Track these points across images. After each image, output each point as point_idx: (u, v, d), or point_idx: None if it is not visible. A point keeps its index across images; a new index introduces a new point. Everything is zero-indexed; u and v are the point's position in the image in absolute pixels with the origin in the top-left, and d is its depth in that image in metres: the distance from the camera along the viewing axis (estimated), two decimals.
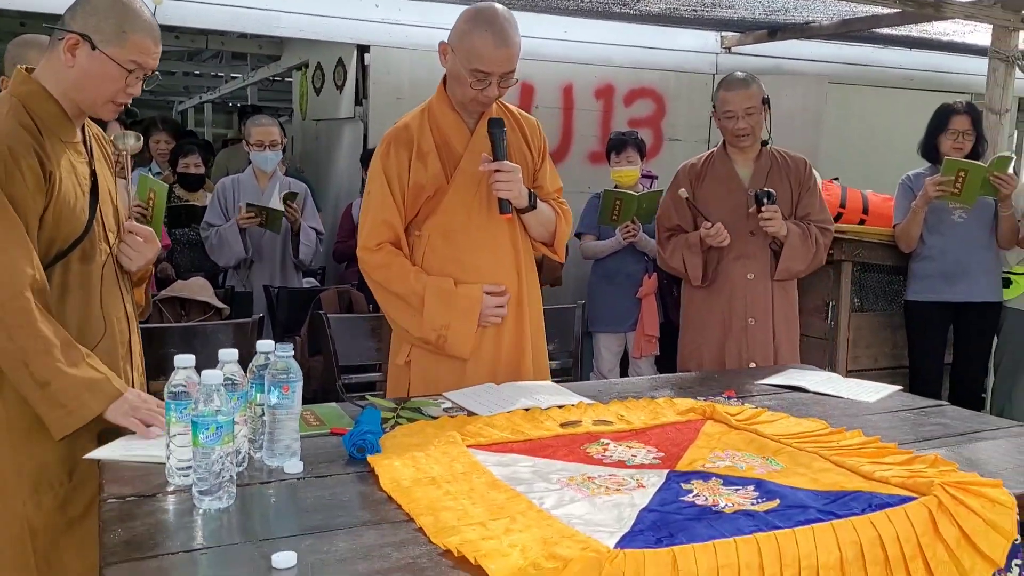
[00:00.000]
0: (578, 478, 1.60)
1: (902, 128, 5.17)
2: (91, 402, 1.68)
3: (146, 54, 1.79)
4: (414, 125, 2.30)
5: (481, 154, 2.26)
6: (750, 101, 2.95)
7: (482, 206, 2.30)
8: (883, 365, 3.95)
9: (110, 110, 1.84)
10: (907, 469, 1.67)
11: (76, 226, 1.79)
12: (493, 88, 2.19)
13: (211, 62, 8.83)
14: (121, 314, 1.92)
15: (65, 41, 1.75)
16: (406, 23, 4.85)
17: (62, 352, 1.67)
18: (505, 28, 2.15)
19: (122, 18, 1.75)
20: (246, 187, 4.01)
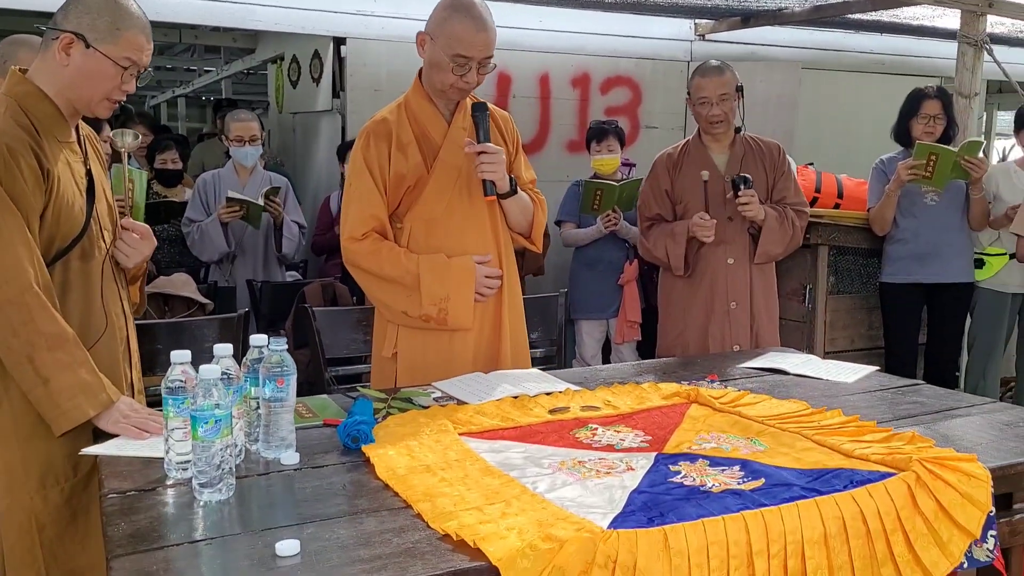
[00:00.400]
0: (569, 462, 1.64)
1: (875, 112, 5.25)
2: (84, 405, 1.71)
3: (140, 50, 1.80)
4: (392, 118, 2.33)
5: (460, 143, 2.31)
6: (724, 88, 3.00)
7: (462, 194, 2.35)
8: (860, 346, 4.03)
9: (105, 107, 1.85)
10: (886, 446, 1.72)
11: (75, 225, 1.81)
12: (473, 74, 2.23)
13: (184, 55, 8.75)
14: (119, 311, 1.94)
15: (59, 40, 1.76)
16: (383, 15, 4.84)
17: (64, 350, 1.69)
18: (483, 14, 2.22)
19: (115, 15, 1.77)
20: (227, 182, 4.01)
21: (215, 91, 9.74)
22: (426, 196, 2.33)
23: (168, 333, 2.79)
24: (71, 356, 1.70)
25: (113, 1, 1.78)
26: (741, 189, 2.93)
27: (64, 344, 1.70)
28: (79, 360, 1.72)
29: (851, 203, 4.03)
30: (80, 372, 1.71)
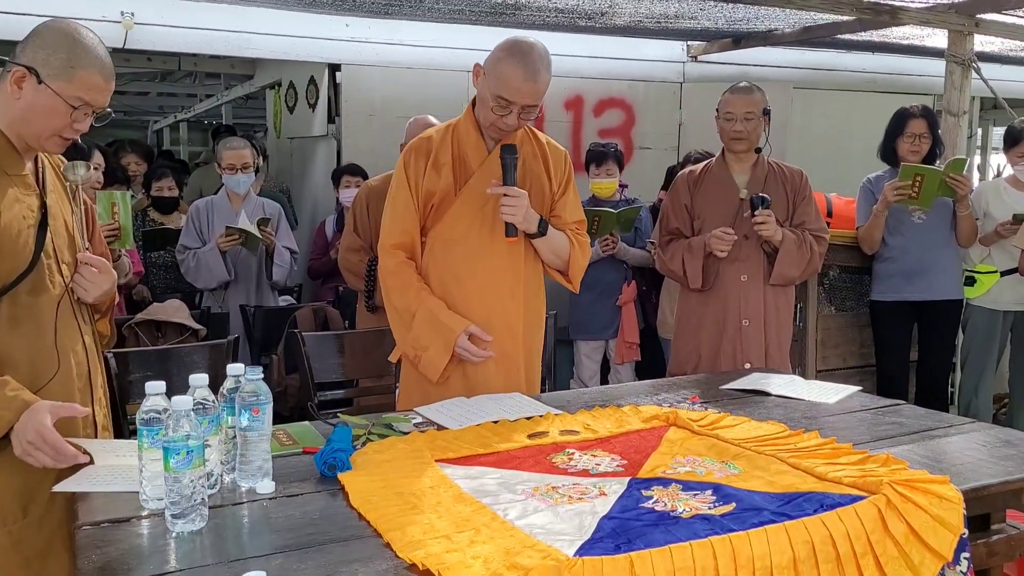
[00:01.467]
0: (542, 488, 1.65)
1: (866, 131, 5.26)
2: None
3: (95, 91, 1.77)
4: (436, 137, 2.40)
5: (493, 174, 2.33)
6: (750, 106, 3.06)
7: (484, 224, 2.37)
8: (851, 364, 4.04)
9: (56, 144, 1.81)
10: (859, 469, 1.73)
11: (20, 260, 1.76)
12: (513, 117, 2.26)
13: (185, 81, 8.84)
14: (79, 347, 1.89)
15: (12, 73, 1.73)
16: (376, 41, 4.90)
17: None
18: (537, 64, 2.24)
19: (71, 53, 1.74)
20: (220, 209, 4.04)
21: (216, 116, 9.82)
22: (449, 217, 2.37)
23: (158, 360, 2.81)
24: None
25: (71, 38, 1.75)
26: (758, 208, 2.96)
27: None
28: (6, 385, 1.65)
29: (841, 222, 4.05)
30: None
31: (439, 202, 2.37)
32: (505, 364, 2.43)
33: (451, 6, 4.30)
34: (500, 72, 2.23)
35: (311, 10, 4.65)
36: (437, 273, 2.39)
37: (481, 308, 2.38)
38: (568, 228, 2.49)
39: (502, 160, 2.30)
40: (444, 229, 2.38)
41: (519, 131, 2.39)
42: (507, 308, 2.41)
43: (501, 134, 2.35)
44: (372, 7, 4.45)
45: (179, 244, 4.02)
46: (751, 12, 4.42)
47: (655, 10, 4.34)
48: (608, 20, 4.63)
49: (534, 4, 4.20)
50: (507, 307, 2.41)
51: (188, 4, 4.48)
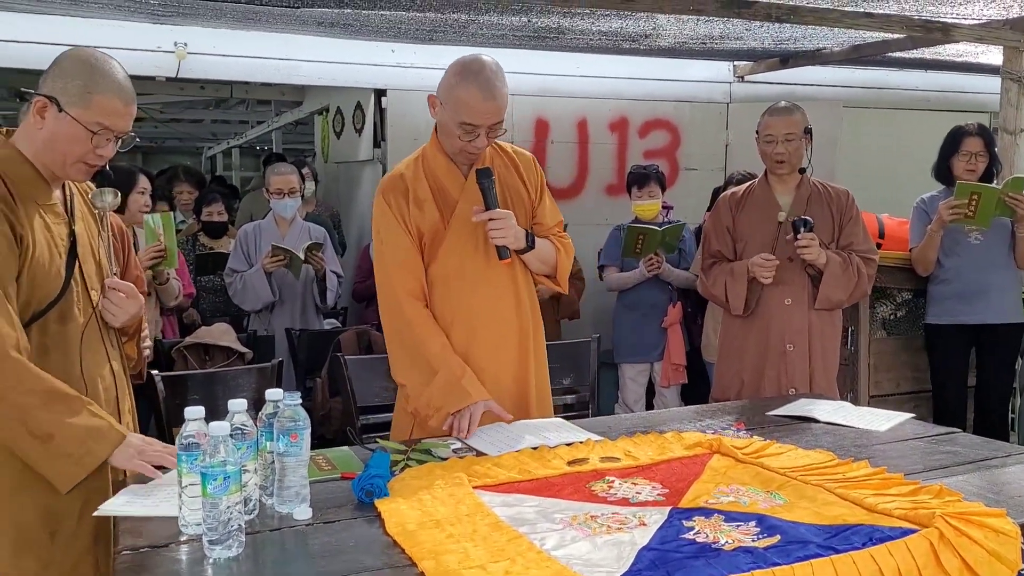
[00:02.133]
0: (581, 517, 1.62)
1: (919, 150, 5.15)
2: (96, 448, 1.69)
3: (114, 115, 1.78)
4: (408, 173, 2.33)
5: (477, 198, 2.29)
6: (790, 127, 3.00)
7: (479, 249, 2.33)
8: (905, 390, 3.93)
9: (80, 171, 1.83)
10: (911, 500, 1.67)
11: (52, 288, 1.79)
12: (481, 139, 2.22)
13: (237, 108, 9.04)
14: (106, 372, 1.91)
15: (34, 103, 1.77)
16: (421, 66, 4.96)
17: (61, 403, 1.68)
18: (492, 81, 2.17)
19: (88, 79, 1.76)
20: (267, 233, 4.10)
21: (267, 141, 10.03)
22: (444, 252, 2.32)
23: (204, 383, 2.86)
24: (70, 407, 1.69)
25: (89, 65, 1.77)
26: (801, 231, 2.91)
27: (60, 398, 1.69)
28: (77, 408, 1.70)
29: (893, 243, 3.96)
30: (83, 418, 1.69)
31: (431, 240, 2.32)
32: (523, 383, 2.40)
33: (494, 31, 4.33)
34: (457, 98, 2.17)
35: (357, 37, 4.72)
36: (439, 308, 2.33)
37: (492, 334, 2.35)
38: (551, 233, 2.47)
39: (480, 185, 2.26)
40: (441, 264, 2.33)
41: (488, 155, 2.36)
42: (514, 328, 2.39)
43: (471, 158, 2.30)
44: (417, 33, 4.50)
45: (227, 267, 4.09)
46: (798, 31, 4.37)
47: (700, 31, 4.31)
48: (652, 42, 4.61)
49: (577, 27, 4.20)
50: (514, 327, 2.38)
51: (239, 33, 4.58)
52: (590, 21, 4.03)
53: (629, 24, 4.11)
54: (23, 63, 4.25)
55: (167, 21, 4.34)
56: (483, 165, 2.31)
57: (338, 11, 3.85)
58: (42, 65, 1.77)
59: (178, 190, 5.34)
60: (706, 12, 3.57)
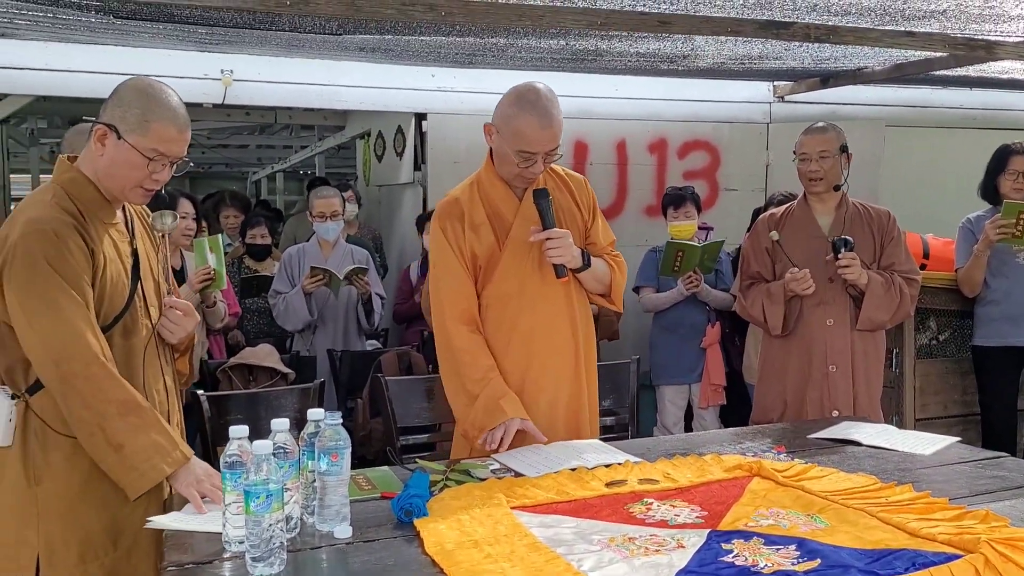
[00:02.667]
0: (619, 539, 1.63)
1: (965, 169, 5.06)
2: (160, 464, 1.77)
3: (169, 142, 1.86)
4: (464, 198, 2.39)
5: (531, 220, 2.34)
6: (825, 145, 3.00)
7: (534, 270, 2.38)
8: (954, 413, 3.85)
9: (139, 195, 1.91)
10: (956, 525, 1.64)
11: (118, 302, 1.88)
12: (538, 165, 2.28)
13: (281, 134, 9.22)
14: (161, 387, 2.00)
15: (95, 131, 1.86)
16: (461, 90, 5.02)
17: (135, 415, 1.77)
18: (548, 109, 2.23)
19: (145, 108, 1.84)
20: (311, 256, 4.17)
21: (310, 166, 10.20)
22: (499, 274, 2.37)
23: (248, 403, 2.90)
24: (142, 419, 1.77)
25: (146, 94, 1.86)
26: (842, 251, 2.88)
27: (135, 409, 1.77)
28: (150, 422, 1.78)
29: (938, 263, 3.90)
30: (152, 434, 1.77)
31: (486, 263, 2.37)
32: (578, 404, 2.43)
33: (533, 54, 4.37)
34: (515, 128, 2.23)
35: (398, 62, 4.79)
36: (498, 330, 2.37)
37: (546, 356, 2.38)
38: (604, 252, 2.50)
39: (537, 206, 2.30)
40: (497, 286, 2.37)
41: (542, 180, 2.40)
42: (571, 349, 2.41)
43: (528, 182, 2.35)
44: (456, 57, 4.56)
45: (272, 289, 4.16)
46: (838, 51, 4.34)
47: (738, 51, 4.30)
48: (691, 63, 4.62)
49: (615, 49, 4.23)
50: (571, 348, 2.41)
51: (283, 60, 4.68)
52: (628, 43, 4.05)
53: (667, 45, 4.12)
54: (78, 92, 4.39)
55: (214, 49, 4.45)
56: (539, 187, 2.36)
57: (379, 37, 3.92)
58: (95, 94, 1.87)
59: (224, 214, 5.46)
60: (744, 33, 3.56)
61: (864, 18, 3.56)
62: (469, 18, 3.22)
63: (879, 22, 3.64)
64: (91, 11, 3.33)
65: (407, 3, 3.08)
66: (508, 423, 2.23)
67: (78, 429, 1.77)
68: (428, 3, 3.11)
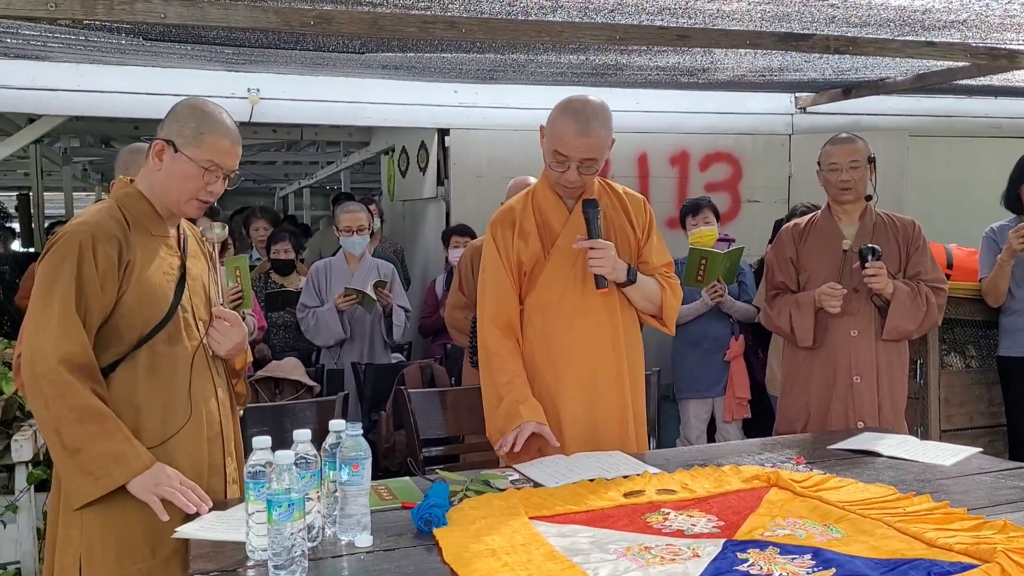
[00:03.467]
0: (635, 548, 1.64)
1: (989, 178, 5.03)
2: (116, 472, 1.80)
3: (223, 154, 1.96)
4: (518, 207, 2.46)
5: (578, 231, 2.38)
6: (854, 155, 3.00)
7: (577, 281, 2.41)
8: (979, 424, 3.81)
9: (194, 207, 2.00)
10: (973, 535, 1.64)
11: (157, 312, 1.93)
12: (572, 173, 2.31)
13: (307, 150, 9.34)
14: (212, 400, 2.04)
15: (153, 147, 1.97)
16: (483, 105, 5.07)
17: (96, 422, 1.79)
18: (589, 118, 2.27)
19: (200, 122, 1.95)
20: (337, 270, 4.23)
21: (335, 181, 10.31)
22: (543, 282, 2.41)
23: (273, 415, 2.95)
24: (103, 427, 1.79)
25: (200, 110, 1.97)
26: (868, 260, 2.88)
27: (95, 416, 1.79)
28: (111, 431, 1.80)
29: (962, 273, 3.87)
30: (112, 442, 1.80)
31: (531, 269, 2.41)
32: (618, 418, 2.43)
33: (554, 69, 4.42)
34: (555, 129, 2.30)
35: (421, 79, 4.86)
36: (538, 338, 2.41)
37: (586, 366, 2.40)
38: (657, 272, 2.50)
39: (585, 215, 2.35)
40: (539, 294, 2.42)
41: (595, 186, 2.44)
42: (611, 362, 2.42)
43: (570, 192, 2.39)
44: (478, 73, 4.61)
45: (299, 303, 4.23)
46: (860, 62, 4.34)
47: (758, 64, 4.32)
48: (711, 76, 4.64)
49: (635, 63, 4.26)
50: (610, 361, 2.42)
51: (308, 79, 4.77)
52: (647, 57, 4.08)
53: (686, 59, 4.15)
54: (110, 112, 4.51)
55: (241, 69, 4.55)
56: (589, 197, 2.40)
57: (402, 55, 3.98)
58: (126, 113, 1.98)
59: (255, 226, 5.57)
60: (762, 46, 3.58)
61: (884, 29, 3.57)
62: (489, 35, 3.27)
63: (899, 32, 3.64)
64: (122, 34, 3.43)
65: (428, 21, 3.13)
66: (522, 427, 2.27)
67: (40, 428, 1.83)
68: (449, 21, 3.17)
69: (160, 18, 2.79)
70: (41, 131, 6.03)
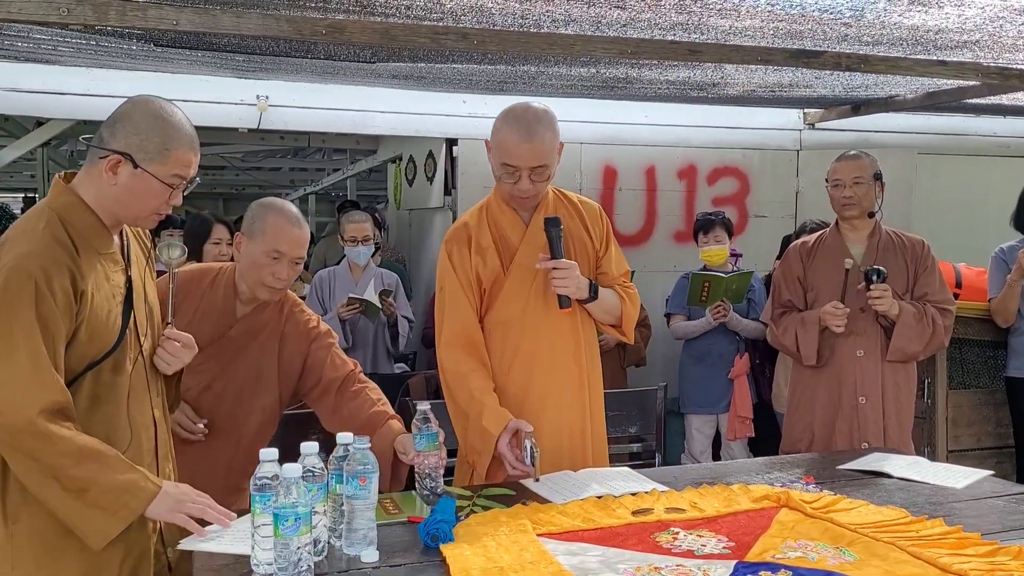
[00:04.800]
0: (645, 568, 1.62)
1: (999, 197, 5.03)
2: (131, 503, 1.68)
3: (188, 166, 1.81)
4: (472, 222, 2.39)
5: (537, 246, 2.34)
6: (858, 171, 2.99)
7: (538, 297, 2.36)
8: (987, 445, 3.79)
9: (153, 221, 1.86)
10: (988, 561, 1.62)
11: (109, 338, 1.78)
12: (524, 182, 2.25)
13: (314, 157, 9.35)
14: (148, 419, 1.89)
15: (107, 161, 1.75)
16: (491, 116, 4.96)
17: (95, 461, 1.66)
18: (532, 124, 2.21)
19: (164, 136, 1.77)
20: (341, 280, 4.22)
21: (342, 188, 10.30)
22: (502, 299, 2.36)
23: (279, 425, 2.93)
24: (103, 463, 1.67)
25: (162, 120, 1.78)
26: (874, 282, 2.86)
27: (92, 455, 1.67)
28: (112, 464, 1.69)
29: (971, 293, 3.86)
30: (118, 473, 1.68)
31: (490, 286, 2.36)
32: (574, 437, 2.40)
33: (563, 81, 4.41)
34: (499, 141, 2.25)
35: (430, 89, 4.86)
36: (498, 356, 2.37)
37: (548, 382, 2.37)
38: (616, 283, 2.47)
39: (547, 234, 2.29)
40: (499, 311, 2.36)
41: (549, 195, 2.39)
42: (572, 377, 2.39)
43: (525, 203, 2.34)
44: (487, 84, 4.61)
45: None
46: (869, 79, 4.33)
47: (768, 79, 4.31)
48: (720, 90, 4.63)
49: (645, 77, 4.25)
50: (572, 376, 2.39)
51: (317, 86, 4.76)
52: (658, 71, 4.07)
53: (697, 74, 4.14)
54: None
55: (250, 76, 4.55)
56: (551, 214, 2.35)
57: (411, 65, 3.98)
58: None
59: None
60: (773, 62, 3.57)
61: (896, 47, 3.56)
62: (501, 47, 3.26)
63: (911, 51, 3.63)
64: (132, 39, 3.42)
65: (440, 32, 3.12)
66: (498, 442, 2.20)
67: (29, 481, 1.66)
68: (461, 32, 3.16)
69: (172, 25, 2.78)
70: (49, 134, 6.03)
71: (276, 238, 2.27)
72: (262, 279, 2.28)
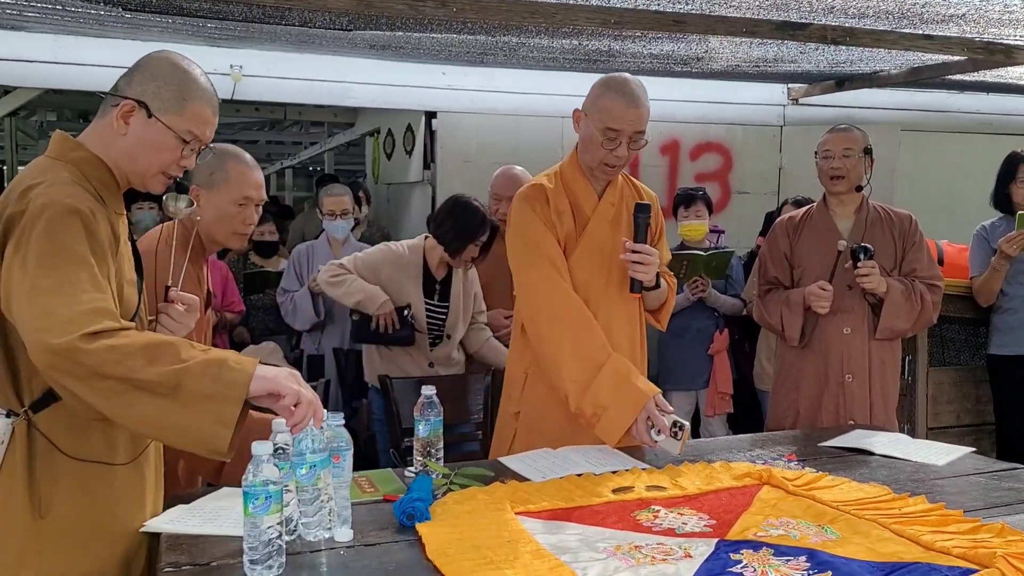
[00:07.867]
0: (625, 547, 1.59)
1: (981, 175, 5.01)
2: (231, 376, 1.46)
3: (204, 124, 1.69)
4: (549, 185, 2.40)
5: (607, 219, 2.37)
6: (848, 143, 2.96)
7: (602, 273, 2.38)
8: (966, 422, 3.80)
9: (160, 182, 1.71)
10: (970, 538, 1.60)
11: (130, 304, 1.66)
12: (623, 148, 2.29)
13: (291, 130, 9.22)
14: None
15: (120, 107, 1.63)
16: (472, 88, 4.98)
17: (168, 350, 1.46)
18: (636, 91, 2.30)
19: (183, 85, 1.66)
20: (320, 254, 4.14)
21: (319, 162, 10.20)
22: (571, 264, 2.36)
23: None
24: (176, 350, 1.47)
25: (182, 70, 1.68)
26: (860, 259, 2.83)
27: (162, 346, 1.47)
28: (185, 347, 1.49)
29: (953, 270, 3.84)
30: (196, 352, 1.48)
31: (564, 248, 2.37)
32: None
33: (545, 54, 4.34)
34: (602, 106, 2.28)
35: (409, 60, 4.77)
36: None
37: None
38: (662, 271, 2.49)
39: (635, 220, 2.33)
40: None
41: (619, 179, 2.42)
42: (625, 351, 2.36)
43: (610, 172, 2.36)
44: (468, 56, 4.53)
45: (280, 287, 4.13)
46: (854, 54, 4.29)
47: (753, 54, 4.26)
48: (705, 65, 4.58)
49: (628, 51, 4.19)
50: (626, 356, 2.34)
51: (293, 56, 4.66)
52: (641, 44, 4.01)
53: (681, 47, 4.09)
54: (88, 85, 4.37)
55: (223, 44, 4.43)
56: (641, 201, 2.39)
57: (390, 34, 3.89)
58: (105, 87, 1.73)
59: None
60: (759, 34, 3.52)
61: (882, 20, 3.52)
62: (481, 15, 3.19)
63: (897, 25, 3.59)
64: (100, 3, 3.32)
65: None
66: (648, 404, 2.15)
67: (114, 413, 1.45)
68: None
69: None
70: (16, 103, 5.88)
71: (241, 185, 2.24)
72: (234, 228, 2.25)
